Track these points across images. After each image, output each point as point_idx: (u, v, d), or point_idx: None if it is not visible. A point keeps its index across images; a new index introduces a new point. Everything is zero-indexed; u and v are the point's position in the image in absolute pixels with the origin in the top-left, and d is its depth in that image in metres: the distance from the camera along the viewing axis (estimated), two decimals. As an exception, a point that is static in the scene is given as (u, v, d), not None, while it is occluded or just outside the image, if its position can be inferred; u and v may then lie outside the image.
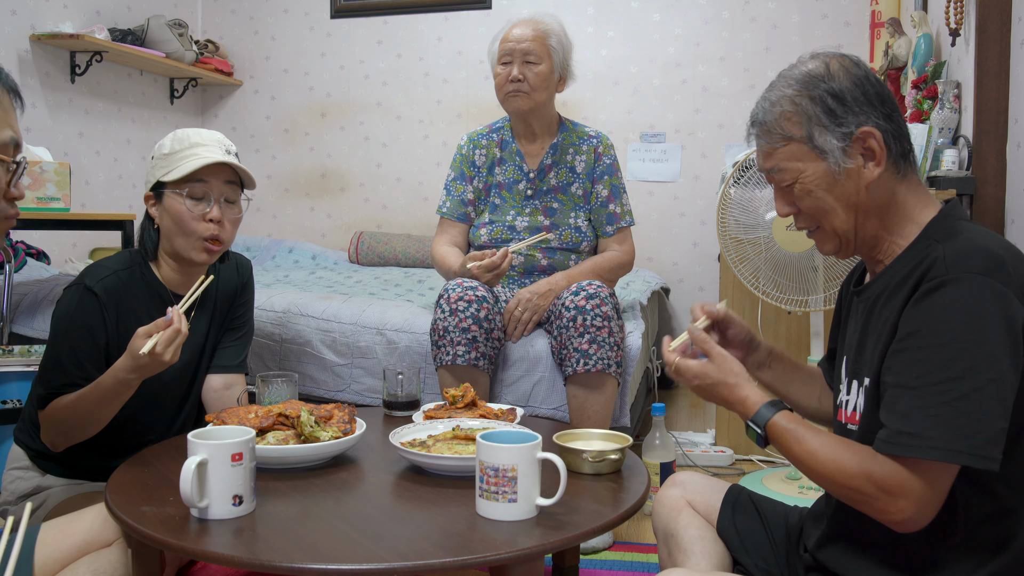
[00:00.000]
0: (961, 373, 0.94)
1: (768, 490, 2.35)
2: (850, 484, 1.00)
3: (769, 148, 1.15)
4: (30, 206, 2.82)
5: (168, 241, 1.66)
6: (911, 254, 1.09)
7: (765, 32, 3.95)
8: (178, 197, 1.62)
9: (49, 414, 1.55)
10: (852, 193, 1.11)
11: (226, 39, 4.59)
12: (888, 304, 1.08)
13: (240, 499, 1.18)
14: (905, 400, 0.97)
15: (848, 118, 1.10)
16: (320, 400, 2.44)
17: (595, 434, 1.53)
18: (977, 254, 0.99)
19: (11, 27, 3.37)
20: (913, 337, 0.99)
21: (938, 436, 0.93)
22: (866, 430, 1.06)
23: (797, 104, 1.12)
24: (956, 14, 2.79)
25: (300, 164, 4.58)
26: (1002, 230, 2.66)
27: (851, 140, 1.10)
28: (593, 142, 2.42)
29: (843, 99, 1.10)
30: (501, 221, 2.38)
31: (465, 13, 4.30)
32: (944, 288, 0.97)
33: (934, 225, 1.10)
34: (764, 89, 1.18)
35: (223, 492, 1.17)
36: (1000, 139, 2.65)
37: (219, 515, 1.17)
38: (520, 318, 2.24)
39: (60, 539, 1.26)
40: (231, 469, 1.17)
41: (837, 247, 1.17)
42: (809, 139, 1.11)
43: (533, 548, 1.09)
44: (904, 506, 0.96)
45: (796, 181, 1.13)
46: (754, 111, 1.18)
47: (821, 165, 1.11)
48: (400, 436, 1.48)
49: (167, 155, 1.63)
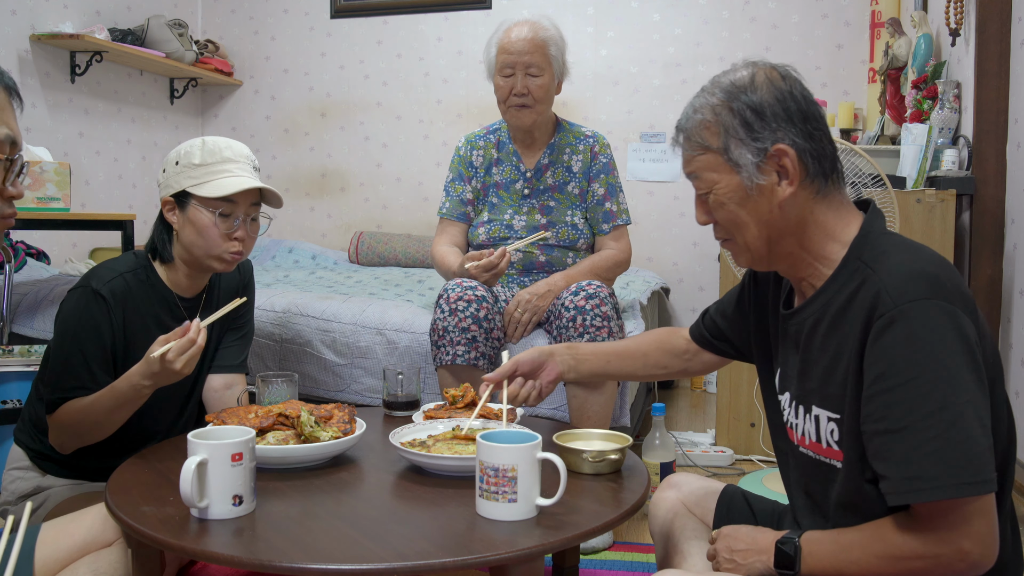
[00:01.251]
0: (940, 404, 0.94)
1: (768, 490, 2.35)
2: (910, 568, 0.97)
3: (688, 155, 1.13)
4: (30, 206, 2.82)
5: (186, 250, 1.66)
6: (841, 278, 1.07)
7: (765, 32, 3.95)
8: (207, 212, 1.61)
9: (59, 418, 1.55)
10: (765, 210, 1.09)
11: (226, 39, 4.59)
12: (834, 334, 1.06)
13: (240, 499, 1.18)
14: (898, 446, 0.96)
15: (764, 133, 1.06)
16: (320, 400, 2.43)
17: (595, 434, 1.53)
18: (915, 278, 0.98)
19: (11, 27, 3.37)
20: (882, 379, 0.97)
21: (940, 474, 0.92)
22: (853, 469, 1.05)
23: (717, 115, 1.09)
24: (956, 14, 2.79)
25: (300, 164, 4.58)
26: (1002, 230, 2.66)
27: (765, 156, 1.06)
28: (589, 141, 2.42)
29: (762, 114, 1.06)
30: (499, 220, 2.38)
31: (465, 13, 4.30)
32: (896, 323, 0.96)
33: (858, 244, 1.07)
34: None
35: (223, 492, 1.17)
36: (1000, 139, 2.65)
37: (219, 515, 1.17)
38: (520, 319, 2.24)
39: (60, 539, 1.26)
40: (231, 469, 1.17)
41: (749, 261, 1.15)
42: (725, 151, 1.08)
43: (533, 548, 1.09)
44: (967, 549, 0.94)
45: (711, 191, 1.11)
46: (680, 117, 1.16)
47: (735, 178, 1.08)
48: (400, 436, 1.48)
49: (197, 166, 1.62)
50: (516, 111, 2.30)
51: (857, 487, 1.05)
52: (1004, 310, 2.66)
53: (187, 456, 1.16)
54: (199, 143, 1.64)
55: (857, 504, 1.06)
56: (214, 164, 1.61)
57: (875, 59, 3.71)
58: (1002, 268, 2.67)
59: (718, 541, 1.17)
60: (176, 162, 1.64)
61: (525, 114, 2.30)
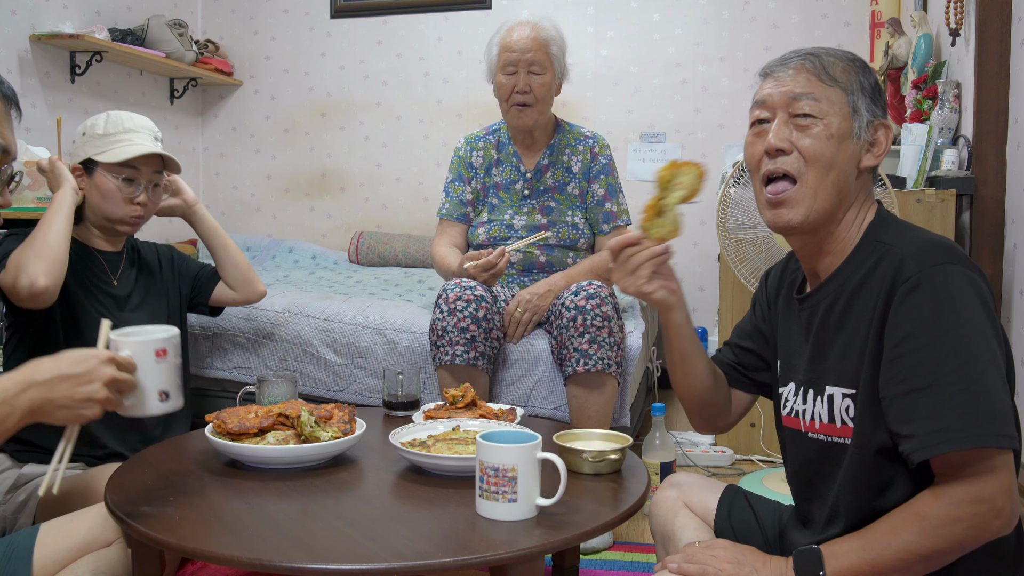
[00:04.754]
0: (966, 360, 0.95)
1: (768, 490, 2.35)
2: (949, 536, 0.95)
3: (811, 78, 1.11)
4: (30, 206, 2.82)
5: (93, 212, 1.83)
6: (857, 259, 1.10)
7: (765, 32, 3.95)
8: (111, 178, 1.78)
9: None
10: (849, 165, 1.12)
11: (226, 39, 4.59)
12: (850, 312, 1.08)
13: (167, 395, 1.19)
14: (923, 402, 0.96)
15: (879, 107, 1.13)
16: (320, 400, 2.44)
17: (595, 434, 1.53)
18: (937, 247, 1.02)
19: (11, 27, 3.37)
20: (908, 340, 0.99)
21: (967, 424, 0.93)
22: (863, 441, 1.06)
23: (856, 68, 1.13)
24: (956, 14, 2.79)
25: (300, 164, 4.58)
26: (1002, 230, 2.66)
27: (875, 122, 1.12)
28: (589, 143, 2.43)
29: (879, 92, 1.14)
30: (499, 220, 2.39)
31: (465, 13, 4.29)
32: (922, 286, 0.99)
33: (874, 227, 1.12)
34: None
35: (150, 388, 1.18)
36: (1000, 139, 2.65)
37: (147, 411, 1.18)
38: (520, 319, 2.24)
39: (60, 539, 1.26)
40: (156, 365, 1.18)
41: (805, 211, 1.10)
42: (852, 94, 1.11)
43: (533, 548, 1.09)
44: (1000, 504, 0.93)
45: (820, 119, 1.10)
46: (814, 49, 1.15)
47: (849, 122, 1.11)
48: (400, 436, 1.48)
49: (101, 136, 1.78)
50: (518, 111, 2.30)
51: (864, 462, 1.05)
52: (1004, 310, 2.66)
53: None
54: (104, 116, 1.81)
55: (862, 483, 1.05)
56: (117, 134, 1.78)
57: (875, 59, 3.71)
58: (1002, 268, 2.67)
59: (700, 552, 1.12)
60: (83, 133, 1.80)
61: (527, 114, 2.30)
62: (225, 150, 4.65)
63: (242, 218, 4.65)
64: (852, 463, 1.07)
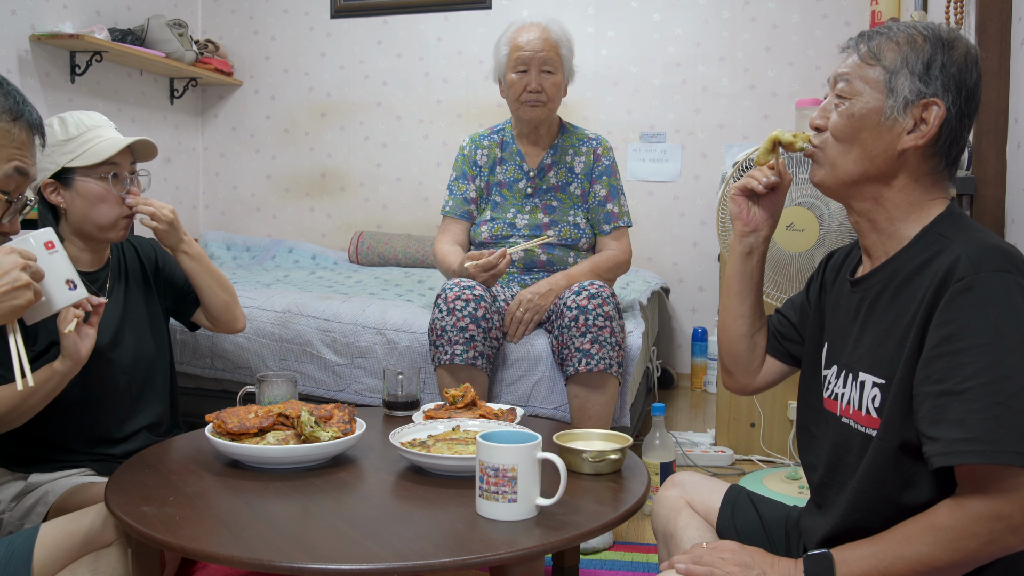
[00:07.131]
0: (1005, 372, 0.93)
1: (768, 490, 2.35)
2: (965, 548, 0.94)
3: (855, 60, 1.14)
4: (30, 206, 2.81)
5: (79, 224, 1.68)
6: (917, 248, 1.09)
7: (765, 32, 3.95)
8: (95, 181, 1.65)
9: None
10: (879, 146, 1.11)
11: (226, 39, 4.59)
12: (897, 300, 1.07)
13: (73, 284, 1.27)
14: (954, 407, 0.94)
15: (934, 84, 1.09)
16: (320, 400, 2.44)
17: (595, 434, 1.53)
18: (997, 252, 0.99)
19: (11, 27, 3.37)
20: (951, 340, 0.97)
21: (999, 439, 0.91)
22: (889, 434, 1.04)
23: (911, 43, 1.11)
24: (956, 14, 2.79)
25: (300, 164, 4.58)
26: (1002, 230, 2.66)
27: (918, 101, 1.09)
28: (592, 144, 2.44)
29: (944, 69, 1.09)
30: (502, 218, 2.39)
31: (465, 13, 4.29)
32: (974, 288, 0.97)
33: (940, 220, 1.10)
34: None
35: (54, 279, 1.26)
36: (1000, 139, 2.65)
37: (61, 303, 1.26)
38: (521, 319, 2.24)
39: (60, 539, 1.26)
40: (50, 256, 1.27)
41: (824, 177, 1.17)
42: (891, 74, 1.10)
43: (533, 548, 1.09)
44: (1019, 522, 0.92)
45: (850, 99, 1.13)
46: (877, 28, 1.17)
47: (880, 102, 1.10)
48: (400, 436, 1.48)
49: (66, 141, 1.65)
50: (529, 107, 2.33)
51: (886, 456, 1.04)
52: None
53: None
54: (56, 122, 1.68)
55: (882, 476, 1.05)
56: (82, 135, 1.66)
57: (875, 59, 3.71)
58: (1002, 268, 2.66)
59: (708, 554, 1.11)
60: (41, 146, 1.70)
61: (538, 110, 2.34)
62: (225, 150, 4.65)
63: (242, 218, 4.65)
64: (874, 454, 1.06)
